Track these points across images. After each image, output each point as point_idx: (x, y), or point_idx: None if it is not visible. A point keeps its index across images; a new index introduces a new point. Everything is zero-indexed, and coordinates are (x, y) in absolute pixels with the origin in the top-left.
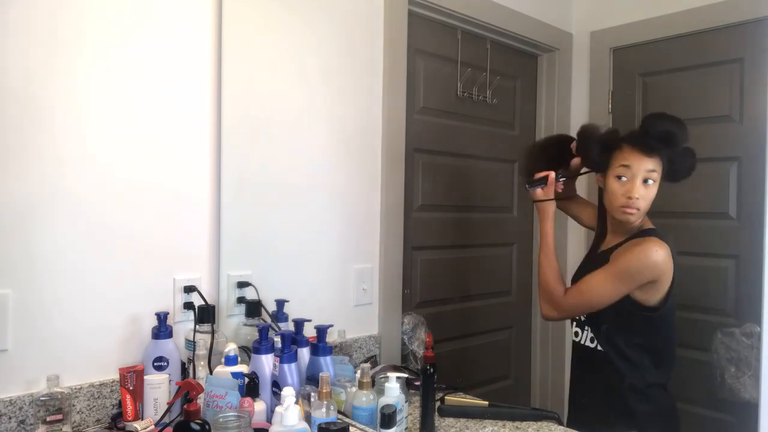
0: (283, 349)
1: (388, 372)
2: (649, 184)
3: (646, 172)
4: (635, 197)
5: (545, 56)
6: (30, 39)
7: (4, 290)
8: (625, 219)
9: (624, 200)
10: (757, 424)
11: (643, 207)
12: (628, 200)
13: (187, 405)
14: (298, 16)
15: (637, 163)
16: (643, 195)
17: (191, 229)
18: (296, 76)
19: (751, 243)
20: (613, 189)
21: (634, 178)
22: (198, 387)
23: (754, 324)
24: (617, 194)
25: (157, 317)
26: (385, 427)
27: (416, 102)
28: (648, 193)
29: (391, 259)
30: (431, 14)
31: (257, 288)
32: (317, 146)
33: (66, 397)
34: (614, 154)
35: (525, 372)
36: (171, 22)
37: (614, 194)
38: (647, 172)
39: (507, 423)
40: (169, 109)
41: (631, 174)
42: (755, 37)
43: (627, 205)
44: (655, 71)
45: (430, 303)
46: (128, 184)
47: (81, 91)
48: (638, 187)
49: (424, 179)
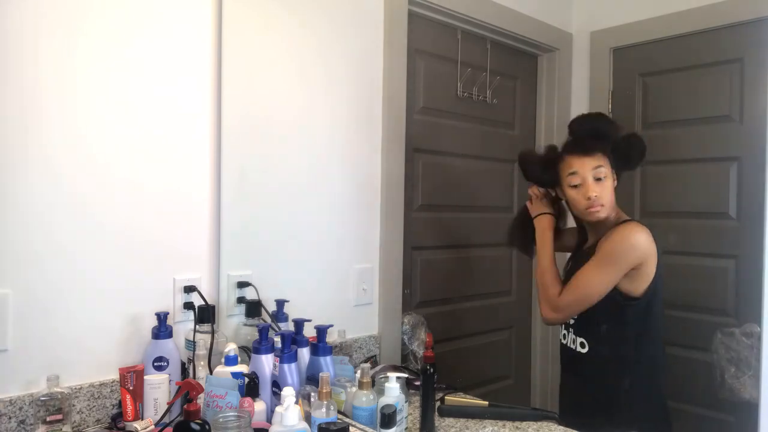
0: (283, 349)
1: (388, 372)
2: (602, 180)
3: (592, 170)
4: (593, 196)
5: (545, 56)
6: (30, 39)
7: (4, 290)
8: (595, 218)
9: (585, 202)
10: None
11: (606, 201)
12: (588, 201)
13: (187, 405)
14: (298, 16)
15: (581, 166)
16: (600, 191)
17: (191, 229)
18: (296, 75)
19: (751, 243)
20: (572, 197)
21: (585, 180)
22: (198, 387)
23: (754, 324)
24: (578, 200)
25: (157, 317)
26: (385, 427)
27: (416, 102)
28: (604, 188)
29: (391, 259)
30: (431, 14)
31: (257, 288)
32: (317, 146)
33: (66, 397)
34: (560, 167)
35: (525, 372)
36: (171, 22)
37: (575, 201)
38: (594, 170)
39: (507, 423)
40: (169, 109)
41: (581, 177)
42: (755, 37)
43: (590, 206)
44: (655, 71)
45: (430, 303)
46: (128, 183)
47: (81, 91)
48: (592, 186)
49: (424, 179)
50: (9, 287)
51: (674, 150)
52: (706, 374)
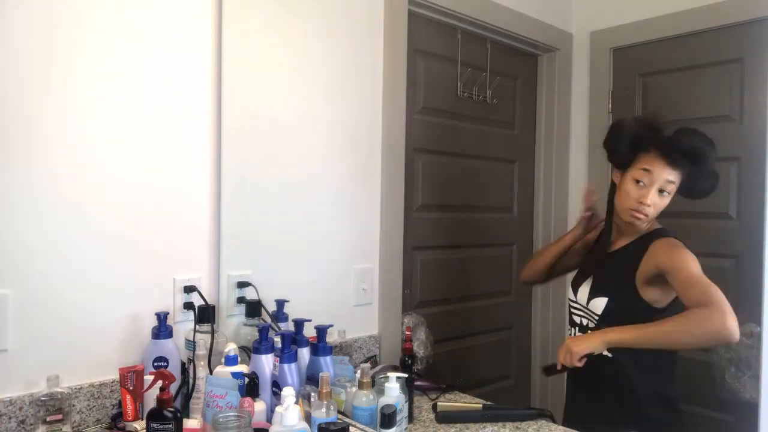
0: (283, 349)
1: (388, 372)
2: (664, 195)
3: (664, 182)
4: (647, 204)
5: (545, 56)
6: (29, 39)
7: (4, 290)
8: (630, 222)
9: (635, 204)
10: (757, 424)
11: (651, 215)
12: (639, 205)
13: (160, 394)
14: (298, 17)
15: (658, 171)
16: (656, 203)
17: (191, 229)
18: (296, 75)
19: (751, 243)
20: (628, 190)
21: (651, 184)
22: (170, 376)
23: (754, 324)
24: (630, 196)
25: (157, 317)
26: (385, 427)
27: (416, 102)
28: (660, 202)
29: (391, 259)
30: (431, 14)
31: (257, 288)
32: (317, 146)
33: (66, 397)
34: (639, 155)
35: (525, 372)
36: (171, 21)
37: (627, 195)
38: (665, 183)
39: (507, 423)
40: (169, 109)
41: (649, 180)
42: (755, 37)
43: (637, 210)
44: (655, 71)
45: (430, 303)
46: (128, 183)
47: (81, 91)
48: (653, 195)
49: (424, 179)
50: (9, 287)
51: None
52: (706, 374)
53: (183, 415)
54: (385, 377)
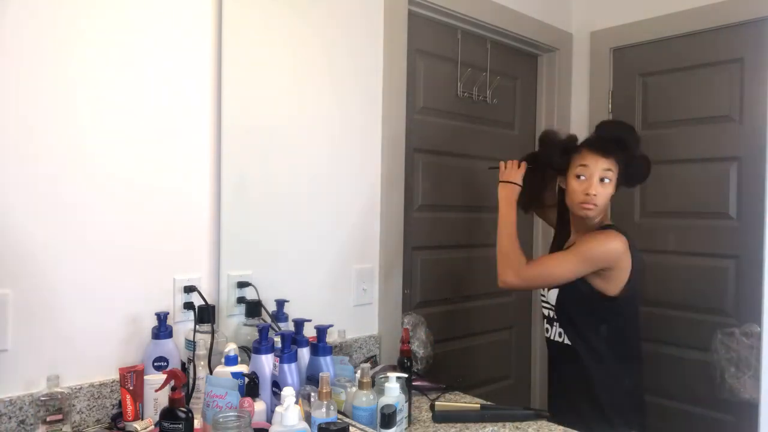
0: (283, 349)
1: (388, 372)
2: (606, 182)
3: (602, 171)
4: (593, 194)
5: (545, 56)
6: (29, 39)
7: (4, 290)
8: (584, 214)
9: (582, 197)
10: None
11: (600, 203)
12: (586, 197)
13: (172, 393)
14: (298, 17)
15: (594, 163)
16: (600, 192)
17: (191, 229)
18: (296, 75)
19: (751, 243)
20: (573, 187)
21: (591, 176)
22: (182, 377)
23: (754, 324)
24: (577, 192)
25: (157, 317)
26: (385, 427)
27: (416, 102)
28: (605, 191)
29: (391, 259)
30: (431, 14)
31: (257, 288)
32: (317, 146)
33: (66, 397)
34: (573, 157)
35: (525, 372)
36: (171, 21)
37: (574, 192)
38: (603, 171)
39: (507, 423)
40: (169, 109)
41: (589, 173)
42: (755, 37)
43: (585, 201)
44: (655, 71)
45: (430, 303)
46: (128, 184)
47: (80, 91)
48: (595, 185)
49: (424, 179)
50: (9, 287)
51: (674, 150)
52: (706, 374)
53: None
54: (385, 377)
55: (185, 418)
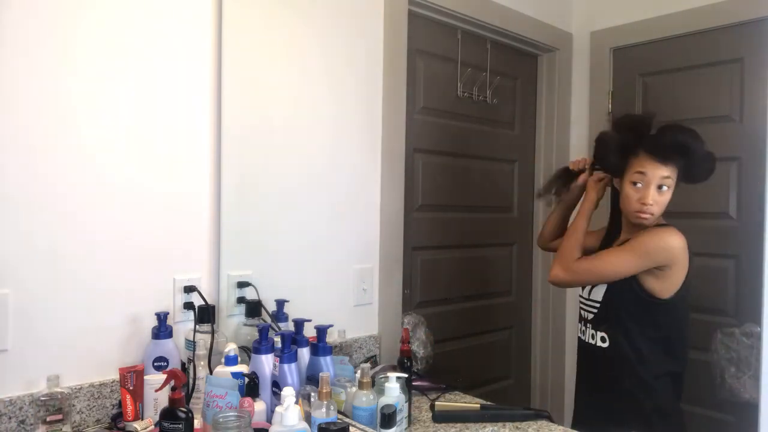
0: (283, 349)
1: (388, 372)
2: (664, 190)
3: (660, 179)
4: (649, 203)
5: (545, 56)
6: (30, 41)
7: (4, 290)
8: (639, 222)
9: (638, 206)
10: (757, 424)
11: (656, 212)
12: (642, 206)
13: (172, 393)
14: (298, 17)
15: (651, 171)
16: (657, 200)
17: (191, 229)
18: (296, 76)
19: (751, 243)
20: (629, 194)
21: (648, 184)
22: (182, 377)
23: (754, 324)
24: (632, 199)
25: (157, 317)
26: (385, 427)
27: (416, 102)
28: (662, 198)
29: (391, 259)
30: (431, 14)
31: (257, 288)
32: (317, 146)
33: (66, 397)
34: (630, 160)
35: (525, 372)
36: (171, 21)
37: (629, 199)
38: (662, 179)
39: (507, 423)
40: (169, 109)
41: (646, 180)
42: (755, 37)
43: (641, 210)
44: (655, 71)
45: (430, 303)
46: (128, 184)
47: (80, 92)
48: (652, 194)
49: (424, 179)
50: (9, 287)
51: None
52: (706, 374)
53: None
54: (385, 377)
55: (185, 418)
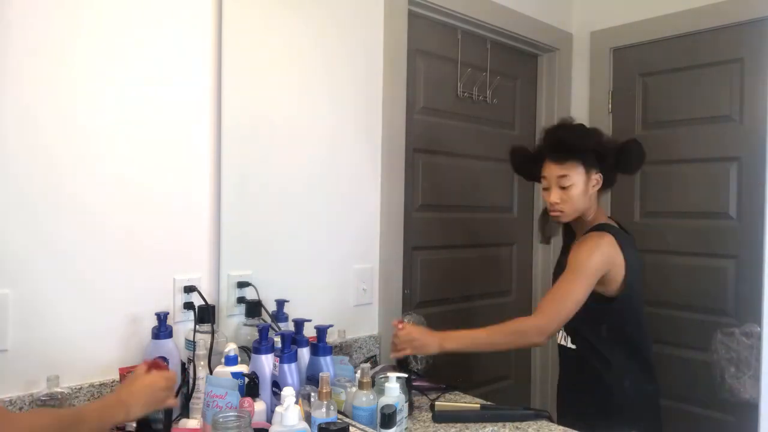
0: (283, 349)
1: (388, 372)
2: (568, 186)
3: (557, 178)
4: (554, 201)
5: (545, 56)
6: (30, 41)
7: (4, 290)
8: (556, 220)
9: (549, 206)
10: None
11: (567, 209)
12: (551, 204)
13: None
14: (298, 17)
15: (549, 172)
16: (562, 198)
17: (191, 229)
18: (296, 76)
19: (751, 243)
20: (543, 197)
21: (550, 185)
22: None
23: (754, 324)
24: (545, 201)
25: (157, 317)
26: (385, 427)
27: (416, 102)
28: (568, 194)
29: (391, 259)
30: (431, 14)
31: (257, 288)
32: (317, 146)
33: (66, 397)
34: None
35: (525, 372)
36: (171, 22)
37: (545, 201)
38: (558, 178)
39: (507, 423)
40: (169, 109)
41: (547, 182)
42: (755, 37)
43: (551, 209)
44: (655, 71)
45: (430, 303)
46: (128, 183)
47: (80, 91)
48: (555, 193)
49: (424, 179)
50: (9, 287)
51: (674, 150)
52: (706, 374)
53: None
54: (385, 377)
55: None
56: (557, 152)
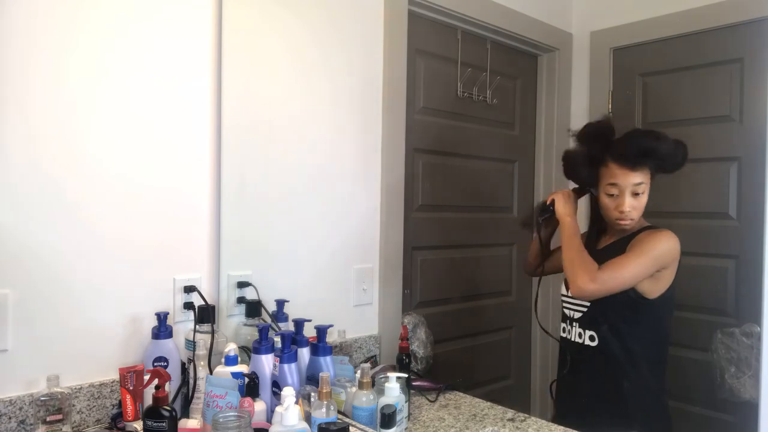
0: (283, 349)
1: (388, 372)
2: (639, 195)
3: (633, 186)
4: (626, 210)
5: (545, 56)
6: (29, 41)
7: (4, 290)
8: (621, 228)
9: (617, 214)
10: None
11: (636, 216)
12: (621, 213)
13: (156, 392)
14: (298, 17)
15: (623, 180)
16: (634, 206)
17: (191, 229)
18: (296, 75)
19: (751, 243)
20: (606, 204)
21: (622, 193)
22: (166, 375)
23: (754, 324)
24: (610, 209)
25: (157, 317)
26: (385, 427)
27: (416, 102)
28: (639, 203)
29: (391, 259)
30: (431, 14)
31: (257, 288)
32: (318, 146)
33: (66, 397)
34: (601, 171)
35: (525, 372)
36: (171, 21)
37: (607, 209)
38: (634, 186)
39: (507, 423)
40: (169, 110)
41: (619, 190)
42: (755, 37)
43: (620, 218)
44: (655, 71)
45: (430, 303)
46: (128, 184)
47: (80, 92)
48: (628, 201)
49: (424, 179)
50: (9, 287)
51: None
52: (706, 374)
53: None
54: (385, 377)
55: (169, 417)
56: (636, 159)
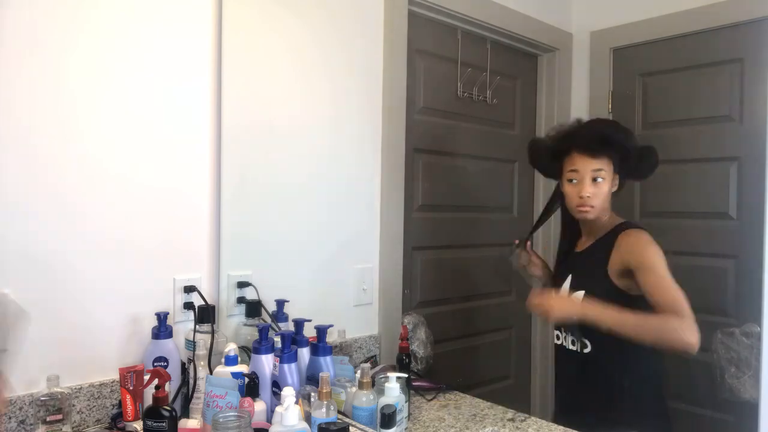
0: (283, 349)
1: (388, 372)
2: (599, 182)
3: (592, 172)
4: (586, 195)
5: (545, 56)
6: (29, 41)
7: (4, 290)
8: (582, 217)
9: (577, 200)
10: (757, 424)
11: (597, 204)
12: (581, 199)
13: (155, 392)
14: (298, 17)
15: (582, 165)
16: (594, 192)
17: (191, 229)
18: (296, 76)
19: (751, 243)
20: (568, 192)
21: (583, 179)
22: (166, 375)
23: (754, 324)
24: (572, 196)
25: (157, 317)
26: (385, 427)
27: (416, 102)
28: (599, 190)
29: (391, 259)
30: (431, 14)
31: (257, 288)
32: (317, 146)
33: (66, 397)
34: (564, 161)
35: (525, 372)
36: (172, 21)
37: (569, 196)
38: (594, 172)
39: (507, 423)
40: (169, 110)
41: (579, 176)
42: (755, 37)
43: (581, 204)
44: (655, 71)
45: (430, 303)
46: (128, 184)
47: (80, 91)
48: (587, 186)
49: (424, 179)
50: (9, 287)
51: (674, 150)
52: (706, 374)
53: (182, 414)
54: (385, 377)
55: (169, 417)
56: (594, 145)
